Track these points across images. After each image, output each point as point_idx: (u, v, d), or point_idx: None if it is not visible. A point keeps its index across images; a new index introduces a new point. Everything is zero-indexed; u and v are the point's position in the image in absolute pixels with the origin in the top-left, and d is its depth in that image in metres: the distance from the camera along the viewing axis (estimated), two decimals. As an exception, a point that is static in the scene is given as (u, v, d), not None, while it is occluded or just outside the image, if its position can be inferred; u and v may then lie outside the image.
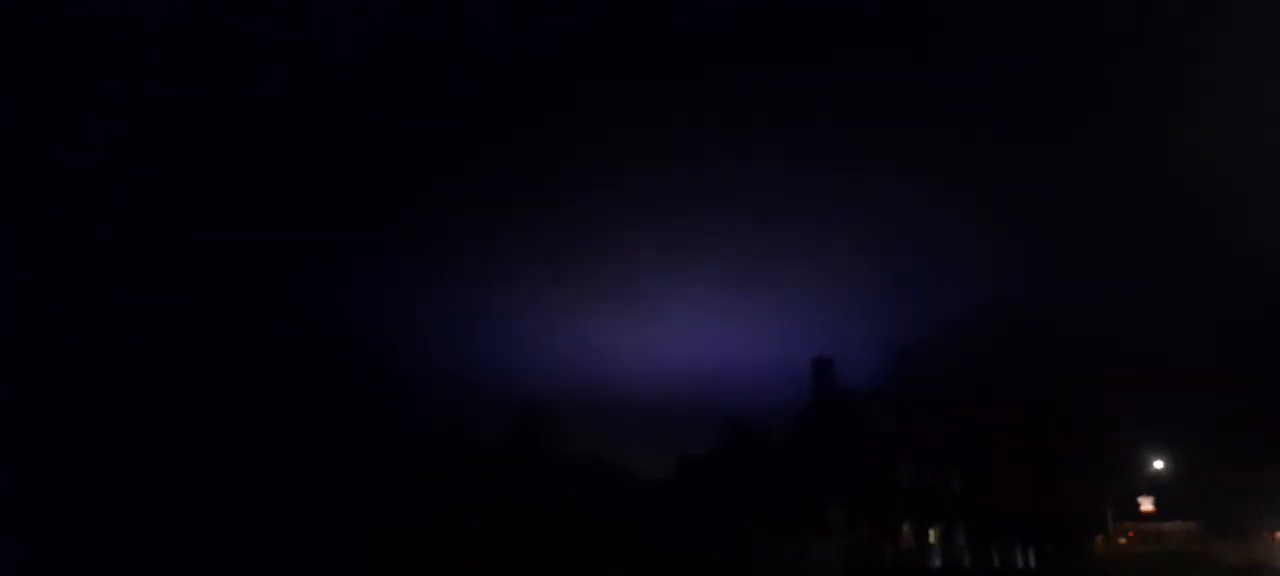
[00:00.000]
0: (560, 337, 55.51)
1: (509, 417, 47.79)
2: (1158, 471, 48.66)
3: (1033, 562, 43.69)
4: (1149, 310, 51.05)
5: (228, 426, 32.94)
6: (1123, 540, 45.83)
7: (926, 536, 47.70)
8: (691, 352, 57.90)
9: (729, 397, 53.01)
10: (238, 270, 38.59)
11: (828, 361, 50.53)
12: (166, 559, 28.47)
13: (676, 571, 42.76)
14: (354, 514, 38.39)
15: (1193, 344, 48.57)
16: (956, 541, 47.03)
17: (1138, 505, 49.16)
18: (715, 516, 46.68)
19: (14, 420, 26.07)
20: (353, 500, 38.52)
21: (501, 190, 69.33)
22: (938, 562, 44.37)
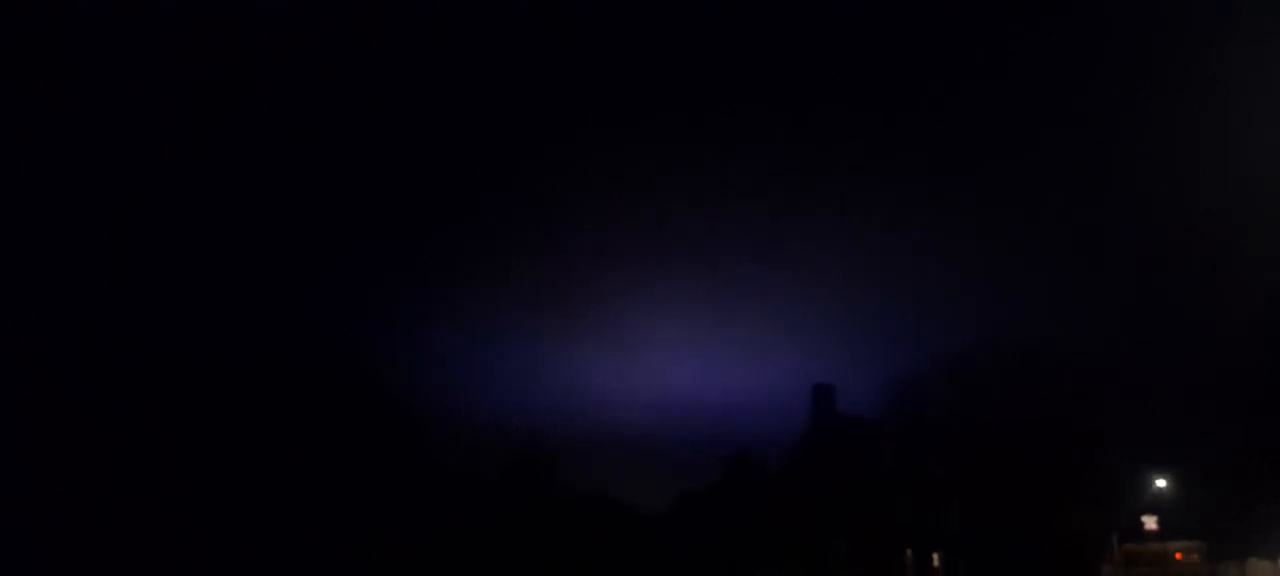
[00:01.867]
0: (562, 373, 55.54)
1: (512, 452, 47.57)
2: (1161, 490, 48.36)
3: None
4: (1150, 335, 51.39)
5: (226, 450, 32.77)
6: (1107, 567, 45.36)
7: (930, 564, 47.27)
8: (692, 385, 57.91)
9: (730, 429, 52.93)
10: (244, 300, 38.77)
11: (828, 388, 50.58)
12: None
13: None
14: (356, 546, 38.08)
15: (1195, 368, 48.76)
16: (959, 570, 46.64)
17: (1141, 524, 48.75)
18: (717, 548, 46.32)
19: (14, 425, 25.92)
20: (356, 532, 38.22)
21: (503, 226, 69.83)
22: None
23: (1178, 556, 45.54)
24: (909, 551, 47.04)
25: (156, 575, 30.19)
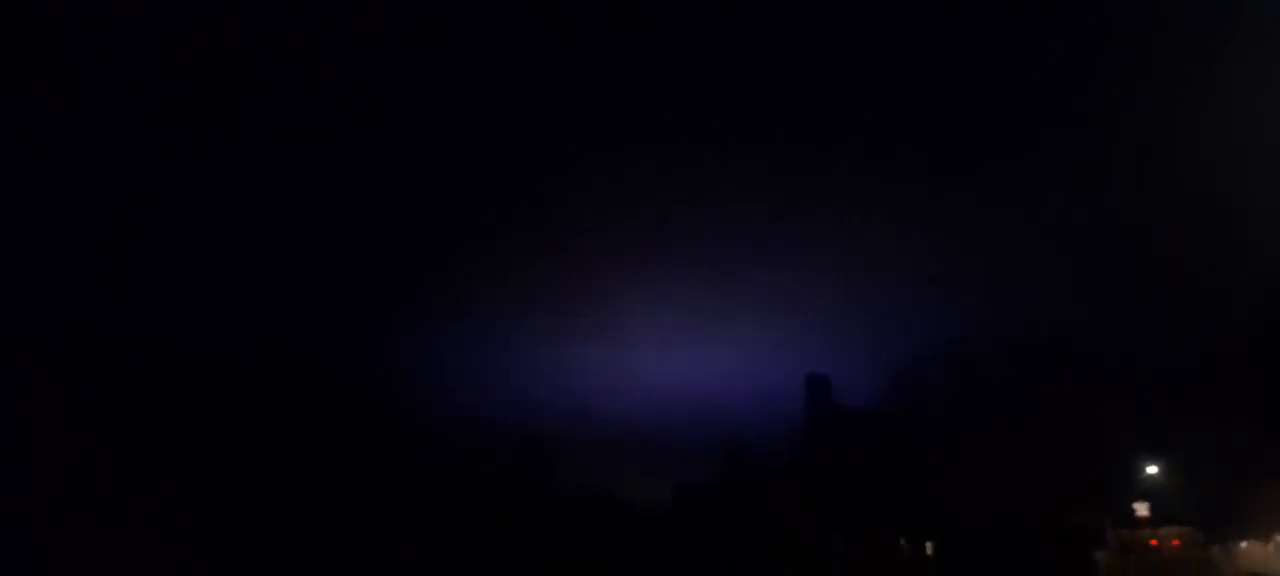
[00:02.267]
0: (560, 370, 55.95)
1: (511, 450, 47.91)
2: (1153, 476, 48.75)
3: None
4: (1147, 325, 51.77)
5: (227, 456, 33.22)
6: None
7: (923, 554, 47.69)
8: (690, 380, 58.22)
9: (728, 423, 53.37)
10: (247, 302, 39.16)
11: (823, 379, 50.98)
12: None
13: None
14: (357, 545, 38.49)
15: (1191, 357, 49.12)
16: (954, 559, 47.00)
17: (1133, 511, 49.14)
18: (716, 547, 46.70)
19: (14, 425, 26.18)
20: (355, 531, 38.62)
21: (503, 225, 70.21)
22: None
23: (1154, 542, 45.95)
24: (906, 544, 47.45)
25: (156, 575, 30.59)
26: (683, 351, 62.11)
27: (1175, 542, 46.87)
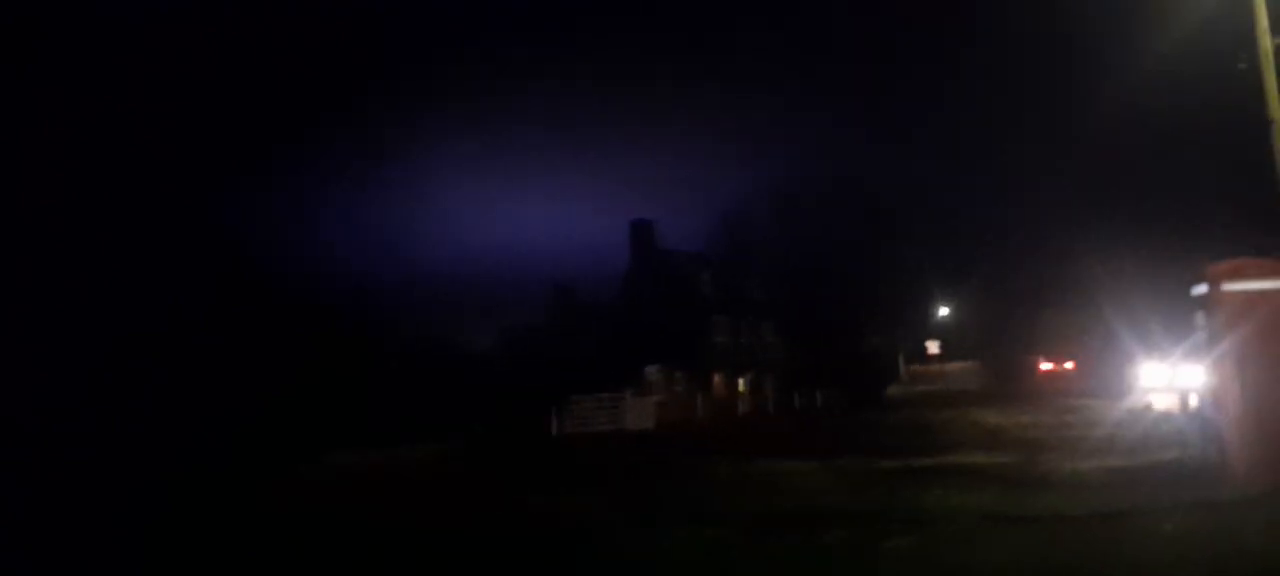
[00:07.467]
0: (382, 221, 57.60)
1: (334, 294, 48.86)
2: (944, 318, 51.17)
3: (830, 405, 46.36)
4: (957, 172, 52.20)
5: None
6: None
7: (737, 386, 51.18)
8: (519, 230, 59.60)
9: (557, 270, 55.23)
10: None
11: (647, 224, 52.59)
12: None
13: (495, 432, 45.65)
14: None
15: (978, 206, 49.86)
16: (764, 388, 50.35)
17: (926, 349, 51.93)
18: (539, 377, 49.82)
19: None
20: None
21: (319, 78, 69.15)
22: (743, 409, 47.39)
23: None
24: (719, 378, 50.81)
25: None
26: (511, 202, 63.09)
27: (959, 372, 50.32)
